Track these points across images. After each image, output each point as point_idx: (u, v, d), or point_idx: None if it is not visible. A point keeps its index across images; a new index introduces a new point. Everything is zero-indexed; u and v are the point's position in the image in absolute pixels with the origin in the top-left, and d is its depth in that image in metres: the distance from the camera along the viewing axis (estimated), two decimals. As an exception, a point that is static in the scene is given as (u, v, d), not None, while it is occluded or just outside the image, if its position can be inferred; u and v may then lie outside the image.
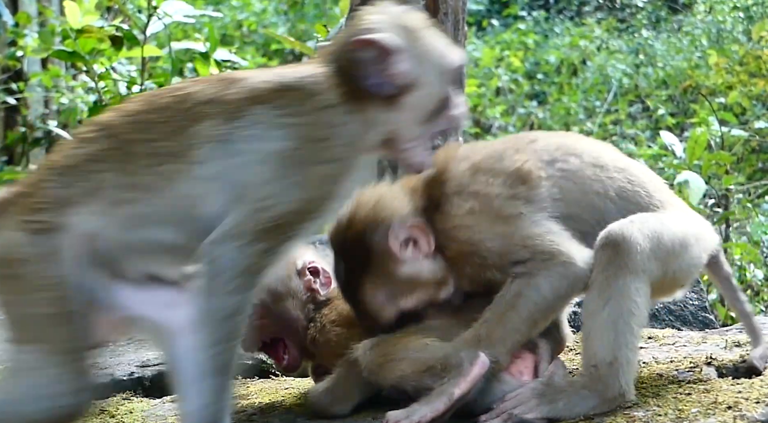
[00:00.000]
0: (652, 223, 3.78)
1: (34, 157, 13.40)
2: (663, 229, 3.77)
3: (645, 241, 3.67)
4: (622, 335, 3.65)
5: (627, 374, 3.70)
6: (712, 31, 19.90)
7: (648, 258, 3.67)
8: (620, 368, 3.68)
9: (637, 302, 3.66)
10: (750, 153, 14.86)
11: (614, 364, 3.66)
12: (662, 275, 3.77)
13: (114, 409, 4.34)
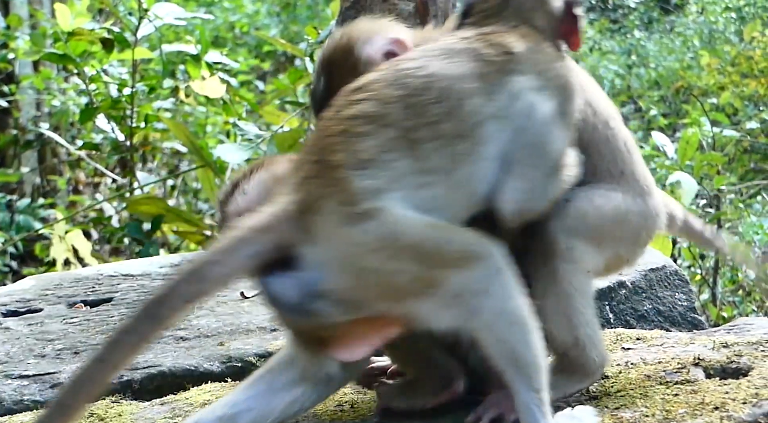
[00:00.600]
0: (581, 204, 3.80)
1: (25, 160, 13.41)
2: (593, 209, 3.80)
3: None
4: (573, 316, 3.69)
5: (596, 346, 3.76)
6: (704, 32, 19.94)
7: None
8: (586, 344, 3.73)
9: (573, 283, 3.70)
10: (742, 153, 14.89)
11: (579, 344, 3.72)
12: (599, 257, 3.82)
13: (103, 412, 4.34)
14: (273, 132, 8.54)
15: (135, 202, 9.13)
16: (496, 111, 3.49)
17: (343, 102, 3.48)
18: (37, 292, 5.86)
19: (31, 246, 11.77)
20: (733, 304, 9.77)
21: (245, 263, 3.29)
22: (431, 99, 3.44)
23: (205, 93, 9.50)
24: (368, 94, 3.46)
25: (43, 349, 4.97)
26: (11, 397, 4.52)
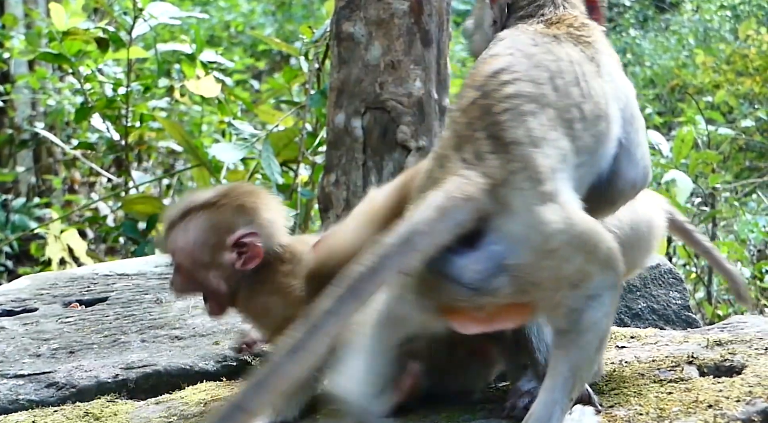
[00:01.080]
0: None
1: (21, 159, 13.41)
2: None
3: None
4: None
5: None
6: (699, 30, 19.96)
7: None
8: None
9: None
10: (737, 151, 14.91)
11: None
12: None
13: (98, 411, 4.34)
14: (268, 131, 8.54)
15: (130, 202, 9.13)
16: (612, 91, 3.60)
17: (486, 82, 3.45)
18: (33, 292, 5.86)
19: (27, 245, 11.77)
20: (728, 302, 9.78)
21: (452, 232, 3.16)
22: (571, 80, 3.49)
23: (201, 92, 9.50)
24: (516, 75, 3.45)
25: (39, 348, 4.97)
26: (7, 397, 4.53)
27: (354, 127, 6.76)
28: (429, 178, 3.34)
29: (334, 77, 6.91)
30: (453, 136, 3.39)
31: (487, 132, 3.31)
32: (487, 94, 3.39)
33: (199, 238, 4.20)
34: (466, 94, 3.46)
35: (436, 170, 3.34)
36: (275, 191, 8.34)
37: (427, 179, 3.36)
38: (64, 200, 13.12)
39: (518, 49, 3.57)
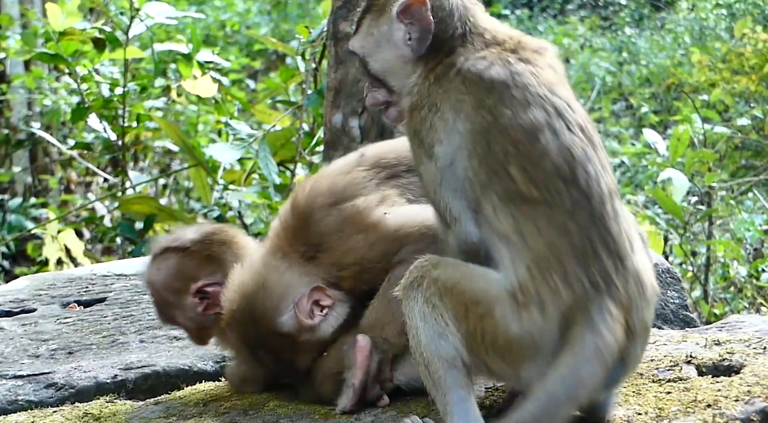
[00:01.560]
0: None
1: (17, 159, 13.39)
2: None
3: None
4: None
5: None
6: (694, 29, 19.96)
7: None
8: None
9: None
10: (733, 150, 14.91)
11: None
12: None
13: (98, 411, 4.34)
14: (265, 131, 8.54)
15: (127, 202, 9.13)
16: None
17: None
18: (31, 293, 5.86)
19: (23, 245, 11.76)
20: (725, 301, 9.78)
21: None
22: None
23: (197, 92, 9.50)
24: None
25: (37, 349, 4.97)
26: (6, 397, 4.53)
27: (351, 127, 6.78)
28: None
29: (332, 77, 6.92)
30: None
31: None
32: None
33: (167, 280, 4.42)
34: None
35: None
36: (272, 191, 8.34)
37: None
38: (60, 200, 13.12)
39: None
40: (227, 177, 9.50)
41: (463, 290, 3.45)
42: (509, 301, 3.37)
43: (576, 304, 3.30)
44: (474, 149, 3.50)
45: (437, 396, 3.50)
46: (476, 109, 3.52)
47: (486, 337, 3.42)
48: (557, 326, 3.33)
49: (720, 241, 10.06)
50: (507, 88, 3.52)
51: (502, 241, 3.41)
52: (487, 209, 3.46)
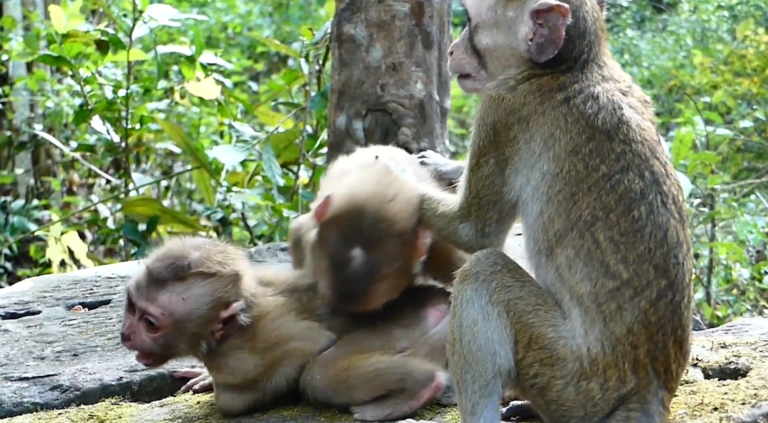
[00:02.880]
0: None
1: (19, 161, 13.39)
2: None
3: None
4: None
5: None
6: (696, 31, 19.95)
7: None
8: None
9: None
10: (735, 152, 14.90)
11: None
12: None
13: (103, 414, 4.35)
14: (268, 133, 8.54)
15: (130, 204, 9.13)
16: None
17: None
18: (36, 294, 5.86)
19: (26, 247, 11.75)
20: (728, 303, 9.78)
21: None
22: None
23: (200, 94, 9.49)
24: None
25: (42, 351, 4.98)
26: (11, 400, 4.53)
27: (355, 129, 6.78)
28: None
29: (335, 79, 6.93)
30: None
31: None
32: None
33: (198, 309, 4.09)
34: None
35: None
36: (276, 193, 8.34)
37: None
38: (63, 202, 13.11)
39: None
40: (230, 179, 9.50)
41: (533, 324, 3.45)
42: (572, 363, 3.40)
43: (636, 391, 3.39)
44: (556, 197, 3.47)
45: (470, 395, 3.48)
46: (569, 154, 3.46)
47: (539, 380, 3.45)
48: (612, 405, 3.40)
49: (722, 243, 10.06)
50: (608, 139, 3.46)
51: (574, 300, 3.42)
52: (561, 259, 3.45)
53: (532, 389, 3.47)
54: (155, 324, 4.05)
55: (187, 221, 9.41)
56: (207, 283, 4.09)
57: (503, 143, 3.57)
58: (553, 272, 3.46)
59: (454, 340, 3.50)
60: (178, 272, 4.07)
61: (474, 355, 3.45)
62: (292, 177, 8.84)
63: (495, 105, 3.61)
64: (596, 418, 3.41)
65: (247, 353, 4.15)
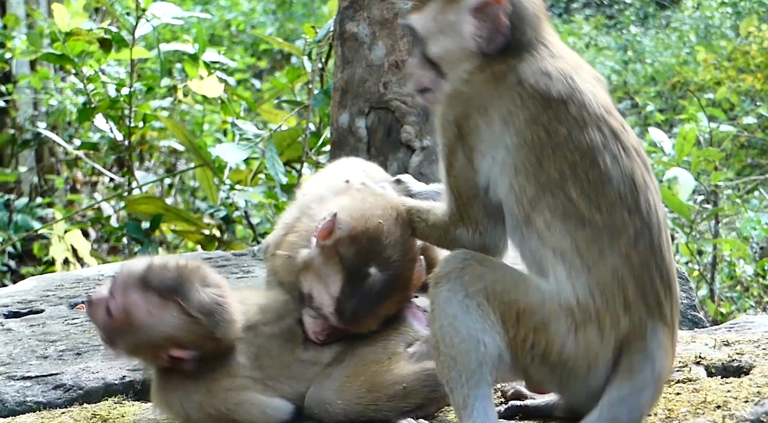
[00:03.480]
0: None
1: (23, 159, 13.40)
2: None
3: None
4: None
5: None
6: (700, 27, 19.94)
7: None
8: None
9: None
10: (739, 149, 14.89)
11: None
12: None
13: (106, 413, 4.34)
14: (272, 131, 8.54)
15: (134, 202, 9.14)
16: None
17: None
18: (39, 293, 5.85)
19: (30, 245, 11.76)
20: (731, 299, 9.78)
21: None
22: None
23: (204, 92, 9.49)
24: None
25: (46, 350, 4.97)
26: (14, 399, 4.53)
27: (358, 127, 6.78)
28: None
29: (338, 77, 6.92)
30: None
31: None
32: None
33: (152, 329, 3.93)
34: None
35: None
36: (279, 191, 8.34)
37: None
38: (66, 200, 13.12)
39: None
40: (233, 177, 9.50)
41: (517, 299, 3.48)
42: (565, 318, 3.42)
43: (633, 331, 3.41)
44: (523, 166, 3.52)
45: (459, 390, 3.51)
46: (528, 125, 3.52)
47: (536, 349, 3.46)
48: (612, 350, 3.42)
49: (726, 239, 10.06)
50: (564, 106, 3.53)
51: (557, 256, 3.46)
52: (538, 223, 3.49)
53: (533, 362, 3.48)
54: (112, 313, 3.95)
55: (190, 219, 9.42)
56: (180, 320, 3.93)
57: (467, 134, 3.63)
58: (535, 239, 3.51)
59: (437, 342, 3.53)
60: (166, 291, 3.94)
61: (458, 348, 3.48)
62: (295, 175, 8.84)
63: (453, 101, 3.68)
64: (602, 371, 3.43)
65: (195, 398, 4.00)
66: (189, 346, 3.92)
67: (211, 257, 6.34)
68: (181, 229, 9.55)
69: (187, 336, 3.91)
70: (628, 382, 3.38)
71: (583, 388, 3.47)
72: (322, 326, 4.02)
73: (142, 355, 4.02)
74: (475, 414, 3.48)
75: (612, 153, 3.50)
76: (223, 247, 9.12)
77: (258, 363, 4.04)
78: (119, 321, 3.93)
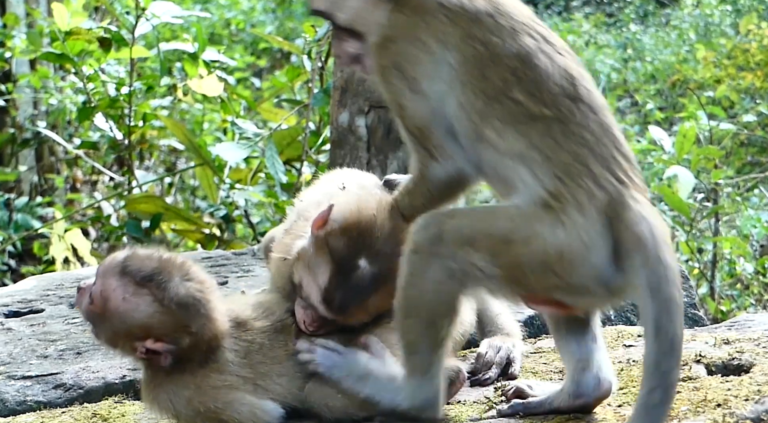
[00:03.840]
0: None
1: (23, 158, 13.41)
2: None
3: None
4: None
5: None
6: (699, 25, 19.95)
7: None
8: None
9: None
10: (739, 146, 14.89)
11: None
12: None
13: (106, 412, 4.35)
14: (271, 130, 8.54)
15: (134, 201, 9.14)
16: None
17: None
18: (39, 293, 5.85)
19: (30, 244, 11.77)
20: (732, 297, 9.78)
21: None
22: None
23: (204, 91, 9.49)
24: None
25: (46, 349, 4.97)
26: (15, 398, 4.53)
27: (358, 126, 6.78)
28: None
29: (338, 76, 6.92)
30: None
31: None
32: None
33: (125, 315, 3.88)
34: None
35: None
36: (279, 190, 8.34)
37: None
38: (66, 199, 13.13)
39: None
40: (233, 176, 9.50)
41: (490, 234, 3.55)
42: (544, 214, 3.48)
43: (612, 201, 3.45)
44: (468, 80, 3.61)
45: (424, 353, 3.68)
46: (464, 41, 3.63)
47: (533, 262, 3.50)
48: (600, 223, 3.45)
49: (726, 237, 10.05)
50: (492, 18, 3.65)
51: (517, 159, 3.54)
52: (489, 135, 3.57)
53: (533, 275, 3.52)
54: (92, 298, 3.92)
55: (190, 218, 9.42)
56: (153, 308, 3.88)
57: (408, 70, 3.69)
58: (491, 152, 3.59)
59: (407, 309, 3.66)
60: (142, 278, 3.90)
61: (436, 317, 3.64)
62: (295, 174, 8.84)
63: (383, 49, 3.76)
64: (599, 247, 3.46)
65: (184, 394, 3.95)
66: (164, 339, 3.88)
67: (211, 256, 6.35)
68: (181, 228, 9.55)
69: (160, 326, 3.86)
70: (644, 249, 3.38)
71: (593, 273, 3.48)
72: (312, 317, 4.03)
73: (120, 346, 3.96)
74: (435, 381, 3.71)
75: (545, 53, 3.62)
76: (223, 246, 9.11)
77: (248, 360, 4.01)
78: (97, 307, 3.90)
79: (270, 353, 4.06)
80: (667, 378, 3.23)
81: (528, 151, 3.51)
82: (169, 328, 3.87)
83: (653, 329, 3.30)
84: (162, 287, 3.88)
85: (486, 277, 3.53)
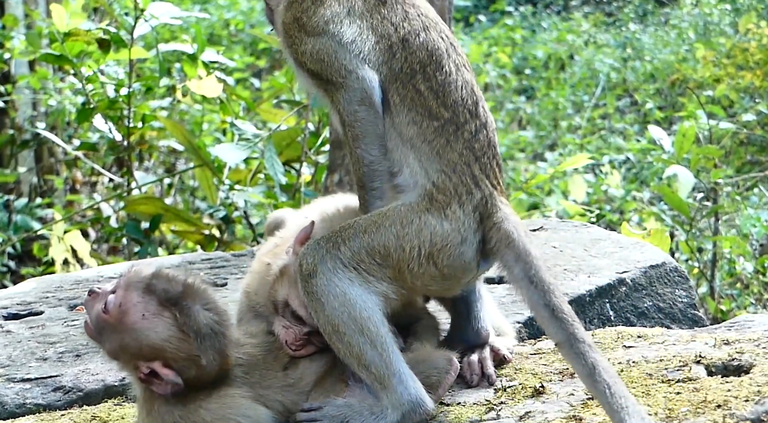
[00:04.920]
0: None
1: (22, 159, 13.40)
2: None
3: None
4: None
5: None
6: (699, 24, 19.92)
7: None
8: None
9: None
10: (738, 146, 14.88)
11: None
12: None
13: (106, 415, 4.35)
14: (271, 131, 8.54)
15: (133, 202, 9.13)
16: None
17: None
18: (38, 295, 5.85)
19: (29, 245, 11.76)
20: (731, 297, 9.78)
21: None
22: None
23: (203, 92, 9.48)
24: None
25: (45, 352, 4.97)
26: (14, 401, 4.53)
27: (357, 127, 6.75)
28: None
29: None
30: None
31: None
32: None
33: (140, 333, 3.84)
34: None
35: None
36: (278, 191, 8.34)
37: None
38: (65, 200, 13.12)
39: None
40: (233, 177, 9.50)
41: (381, 239, 3.82)
42: (432, 207, 3.83)
43: (484, 200, 3.88)
44: (375, 45, 3.92)
45: (377, 362, 3.75)
46: (371, 13, 3.95)
47: (421, 252, 3.80)
48: (475, 220, 3.84)
49: (726, 237, 10.05)
50: (402, 6, 3.98)
51: (407, 145, 3.89)
52: (392, 97, 3.90)
53: (421, 266, 3.81)
54: (108, 307, 3.85)
55: (189, 219, 9.41)
56: (172, 332, 3.85)
57: (307, 20, 3.98)
58: (389, 119, 3.90)
59: (335, 329, 3.76)
60: (167, 299, 3.88)
61: (363, 321, 3.75)
62: (295, 175, 8.84)
63: (289, 6, 4.06)
64: (471, 239, 3.85)
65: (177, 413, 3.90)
66: (171, 366, 3.83)
67: (211, 258, 6.35)
68: (180, 229, 9.55)
69: (173, 352, 3.83)
70: (508, 247, 3.83)
71: (462, 265, 3.86)
72: (296, 336, 4.00)
73: (122, 360, 3.91)
74: (400, 373, 3.78)
75: (455, 62, 3.95)
76: (223, 247, 9.11)
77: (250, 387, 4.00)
78: (112, 317, 3.85)
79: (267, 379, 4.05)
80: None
81: (419, 142, 3.86)
82: (180, 355, 3.84)
83: (547, 309, 3.74)
84: (185, 313, 3.85)
85: (379, 282, 3.78)
